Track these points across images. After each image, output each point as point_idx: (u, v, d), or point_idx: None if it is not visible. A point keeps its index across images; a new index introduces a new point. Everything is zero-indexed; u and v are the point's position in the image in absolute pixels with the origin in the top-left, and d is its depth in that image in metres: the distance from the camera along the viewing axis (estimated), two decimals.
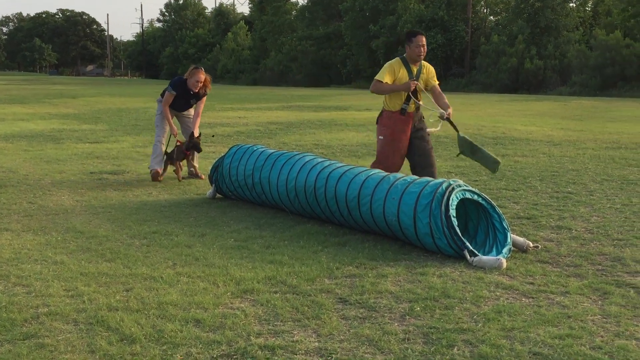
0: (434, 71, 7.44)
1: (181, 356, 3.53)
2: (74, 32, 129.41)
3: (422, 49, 7.10)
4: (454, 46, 50.20)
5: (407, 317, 4.12)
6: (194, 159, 9.44)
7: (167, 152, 9.28)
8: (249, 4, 78.06)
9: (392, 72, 7.11)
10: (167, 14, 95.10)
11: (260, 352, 3.57)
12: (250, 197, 7.48)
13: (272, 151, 7.43)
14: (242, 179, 7.39)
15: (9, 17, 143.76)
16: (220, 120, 19.02)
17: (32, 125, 17.51)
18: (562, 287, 4.68)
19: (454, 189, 5.47)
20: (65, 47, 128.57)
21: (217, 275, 4.89)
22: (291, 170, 6.79)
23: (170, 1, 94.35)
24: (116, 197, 7.96)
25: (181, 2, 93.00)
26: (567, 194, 8.12)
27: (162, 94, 9.42)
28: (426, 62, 7.33)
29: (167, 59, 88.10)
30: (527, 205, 7.49)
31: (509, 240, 5.47)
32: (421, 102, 7.32)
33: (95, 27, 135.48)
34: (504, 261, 5.15)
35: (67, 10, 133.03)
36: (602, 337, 3.80)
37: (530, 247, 5.62)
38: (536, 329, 3.90)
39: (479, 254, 5.26)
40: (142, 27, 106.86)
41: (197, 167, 9.48)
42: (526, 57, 44.10)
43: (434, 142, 13.45)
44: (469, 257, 5.22)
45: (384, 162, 7.24)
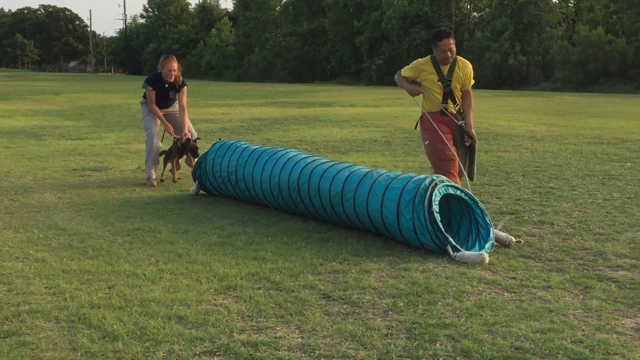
0: (470, 70, 6.65)
1: (164, 353, 3.52)
2: (56, 28, 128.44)
3: (447, 54, 6.40)
4: None
5: (390, 312, 4.13)
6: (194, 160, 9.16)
7: (164, 150, 8.96)
8: (233, 0, 77.90)
9: (415, 70, 6.59)
10: (150, 9, 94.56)
11: (243, 349, 3.57)
12: (233, 193, 7.46)
13: (256, 147, 7.42)
14: (226, 175, 7.37)
15: None
16: (204, 116, 18.96)
17: (13, 122, 17.39)
18: (544, 282, 4.71)
19: (437, 184, 5.48)
20: (47, 43, 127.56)
21: (200, 271, 4.88)
22: (275, 166, 6.78)
23: None
24: (99, 194, 7.92)
25: None
26: (550, 189, 8.17)
27: (145, 95, 9.11)
28: (464, 61, 6.61)
29: (150, 55, 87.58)
30: (509, 200, 7.53)
31: (491, 235, 5.49)
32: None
33: (77, 23, 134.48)
34: (487, 256, 5.17)
35: (49, 6, 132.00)
36: (583, 331, 3.83)
37: (512, 242, 5.64)
38: (518, 323, 3.93)
39: (462, 249, 5.28)
40: (125, 23, 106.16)
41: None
42: (510, 53, 44.27)
43: (416, 137, 13.41)
44: (451, 252, 5.24)
45: (439, 164, 6.53)
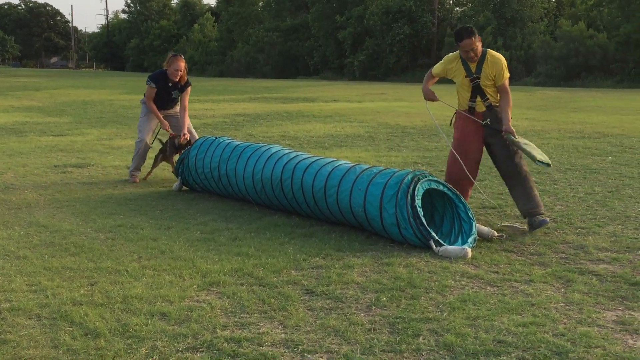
0: (501, 66, 6.08)
1: (146, 350, 3.50)
2: (37, 23, 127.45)
3: (470, 54, 6.05)
4: (420, 37, 50.38)
5: (374, 307, 4.13)
6: None
7: (161, 147, 8.72)
8: None
9: (442, 66, 6.38)
10: (132, 5, 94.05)
11: (226, 345, 3.56)
12: (217, 189, 7.45)
13: (239, 143, 7.40)
14: (209, 171, 7.35)
15: None
16: None
17: None
18: (526, 276, 4.73)
19: (419, 179, 5.50)
20: (28, 38, 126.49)
21: (183, 268, 4.87)
22: (257, 161, 6.77)
23: None
24: (81, 191, 7.87)
25: None
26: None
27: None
28: (494, 55, 6.12)
29: (132, 50, 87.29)
30: (492, 194, 7.55)
31: (474, 229, 5.51)
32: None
33: (59, 18, 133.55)
34: (469, 250, 5.19)
35: (30, 1, 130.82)
36: (564, 324, 3.86)
37: (495, 236, 5.67)
38: (500, 317, 3.94)
39: (445, 244, 5.30)
40: (107, 18, 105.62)
41: None
42: (493, 48, 44.41)
43: (399, 132, 13.44)
44: (434, 247, 5.25)
45: (449, 170, 6.31)
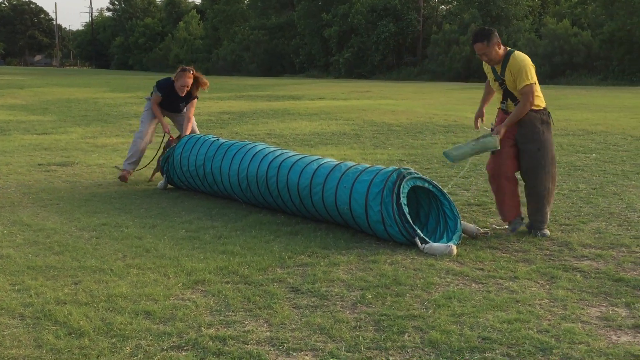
0: (519, 70, 5.65)
1: (131, 349, 3.49)
2: (21, 21, 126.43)
3: (483, 58, 5.81)
4: (406, 35, 50.43)
5: (359, 305, 4.14)
6: None
7: (163, 148, 8.42)
8: None
9: (484, 66, 6.04)
10: (117, 3, 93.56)
11: (211, 343, 3.55)
12: (202, 187, 7.42)
13: (224, 141, 7.38)
14: (194, 169, 7.32)
15: None
16: None
17: None
18: (511, 273, 4.75)
19: (404, 177, 5.50)
20: (12, 36, 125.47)
21: (168, 266, 4.85)
22: (242, 159, 6.75)
23: None
24: (65, 189, 7.83)
25: None
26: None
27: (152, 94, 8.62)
28: (516, 58, 5.70)
29: (117, 48, 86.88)
30: (477, 192, 7.58)
31: (459, 227, 5.52)
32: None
33: (43, 16, 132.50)
34: (455, 248, 5.20)
35: None
36: (549, 320, 3.87)
37: (480, 233, 5.69)
38: (485, 314, 3.96)
39: (430, 241, 5.31)
40: (92, 16, 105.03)
41: None
42: None
43: (385, 130, 13.43)
44: (420, 244, 5.26)
45: (489, 168, 6.02)
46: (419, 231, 5.34)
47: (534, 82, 5.66)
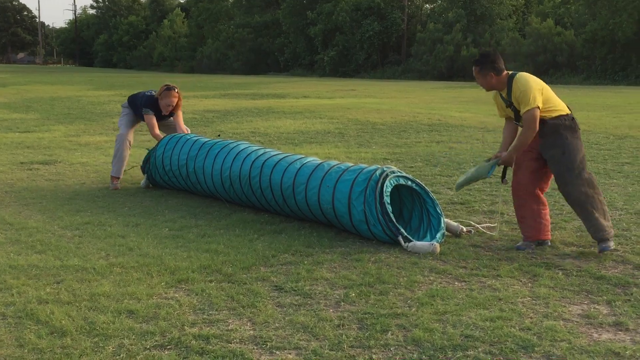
0: (519, 93, 5.45)
1: (113, 348, 3.47)
2: (4, 18, 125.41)
3: (478, 82, 5.82)
4: (390, 34, 50.55)
5: (342, 303, 4.14)
6: None
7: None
8: None
9: (495, 101, 5.95)
10: (100, 0, 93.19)
11: (194, 342, 3.54)
12: (185, 186, 7.40)
13: (206, 140, 7.35)
14: (177, 169, 7.29)
15: None
16: None
17: None
18: (494, 271, 4.77)
19: (387, 175, 5.51)
20: None
21: (151, 265, 4.83)
22: (226, 158, 6.74)
23: None
24: (47, 188, 7.78)
25: None
26: (500, 179, 8.25)
27: (129, 102, 8.35)
28: (518, 80, 5.50)
29: (101, 46, 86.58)
30: (461, 191, 7.59)
31: (442, 225, 5.54)
32: None
33: (25, 13, 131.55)
34: (438, 246, 5.22)
35: None
36: (531, 318, 3.90)
37: (463, 231, 5.71)
38: (468, 312, 3.98)
39: (413, 240, 5.32)
40: (75, 13, 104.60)
41: None
42: (462, 45, 44.73)
43: (369, 128, 13.46)
44: (403, 242, 5.27)
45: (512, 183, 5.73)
46: (402, 230, 5.35)
47: (536, 106, 5.39)
